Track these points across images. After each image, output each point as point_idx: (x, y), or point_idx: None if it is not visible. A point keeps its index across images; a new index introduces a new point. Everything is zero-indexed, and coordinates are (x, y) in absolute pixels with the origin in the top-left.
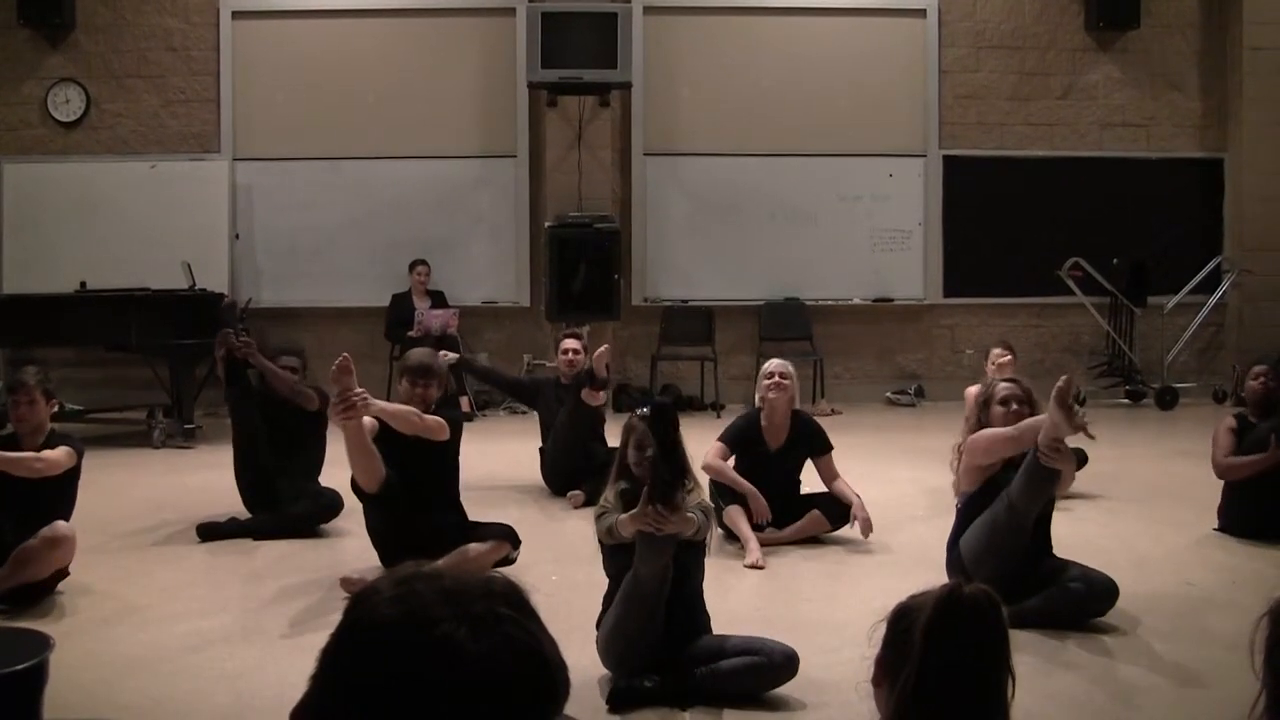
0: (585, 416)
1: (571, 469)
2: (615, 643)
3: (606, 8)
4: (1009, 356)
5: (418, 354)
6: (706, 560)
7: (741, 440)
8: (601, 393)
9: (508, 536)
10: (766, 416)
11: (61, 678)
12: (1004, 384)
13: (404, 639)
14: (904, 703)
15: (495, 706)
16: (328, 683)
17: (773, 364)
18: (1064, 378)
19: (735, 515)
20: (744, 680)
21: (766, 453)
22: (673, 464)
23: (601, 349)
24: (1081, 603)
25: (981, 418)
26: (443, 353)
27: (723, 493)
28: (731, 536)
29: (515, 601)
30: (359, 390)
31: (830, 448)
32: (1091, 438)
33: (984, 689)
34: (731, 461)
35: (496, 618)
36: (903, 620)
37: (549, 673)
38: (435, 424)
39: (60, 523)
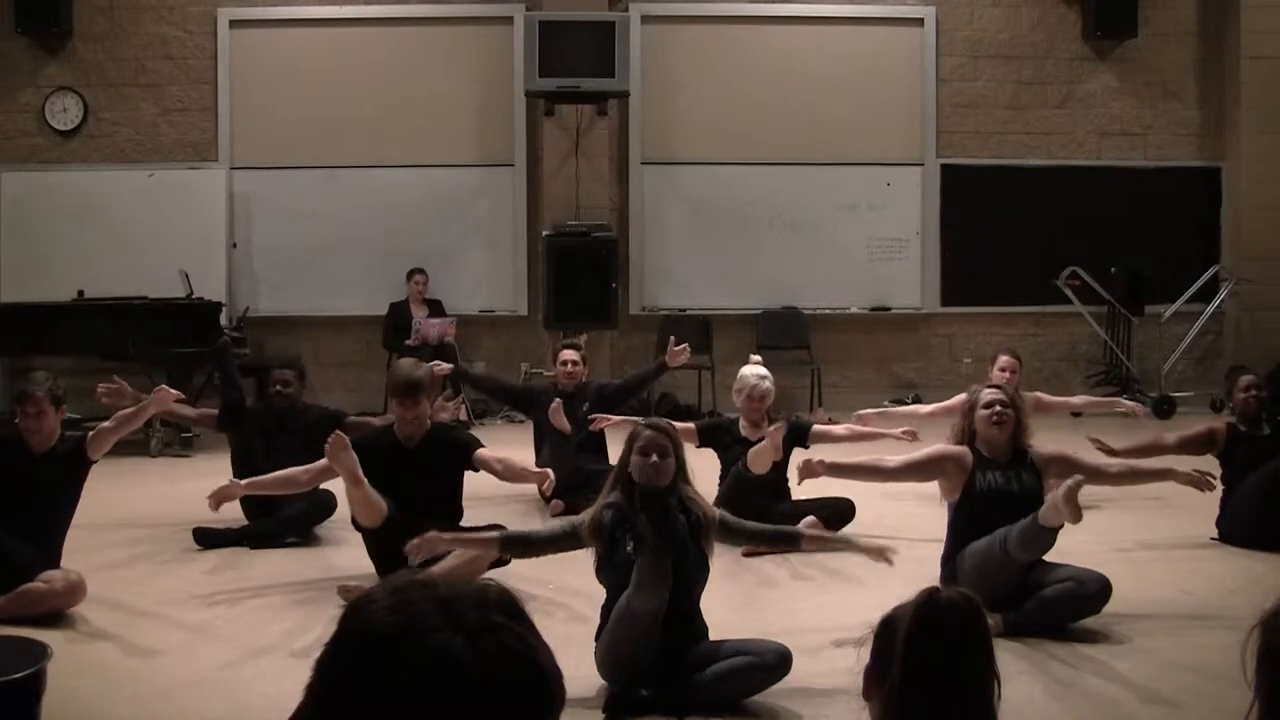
0: (565, 437)
1: (564, 483)
2: (611, 659)
3: (604, 17)
4: (1011, 373)
5: (403, 369)
6: None
7: (715, 435)
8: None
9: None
10: (743, 423)
11: (59, 686)
12: (989, 390)
13: (399, 648)
14: (890, 709)
15: (491, 715)
16: (324, 692)
17: (750, 380)
18: (1077, 479)
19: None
20: (738, 680)
21: (747, 447)
22: (663, 552)
23: (553, 406)
24: (1074, 600)
25: (968, 424)
26: (437, 364)
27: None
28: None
29: (510, 610)
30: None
31: (809, 426)
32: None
33: (968, 692)
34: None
35: (492, 626)
36: (887, 630)
37: (544, 681)
38: None
39: (74, 572)
